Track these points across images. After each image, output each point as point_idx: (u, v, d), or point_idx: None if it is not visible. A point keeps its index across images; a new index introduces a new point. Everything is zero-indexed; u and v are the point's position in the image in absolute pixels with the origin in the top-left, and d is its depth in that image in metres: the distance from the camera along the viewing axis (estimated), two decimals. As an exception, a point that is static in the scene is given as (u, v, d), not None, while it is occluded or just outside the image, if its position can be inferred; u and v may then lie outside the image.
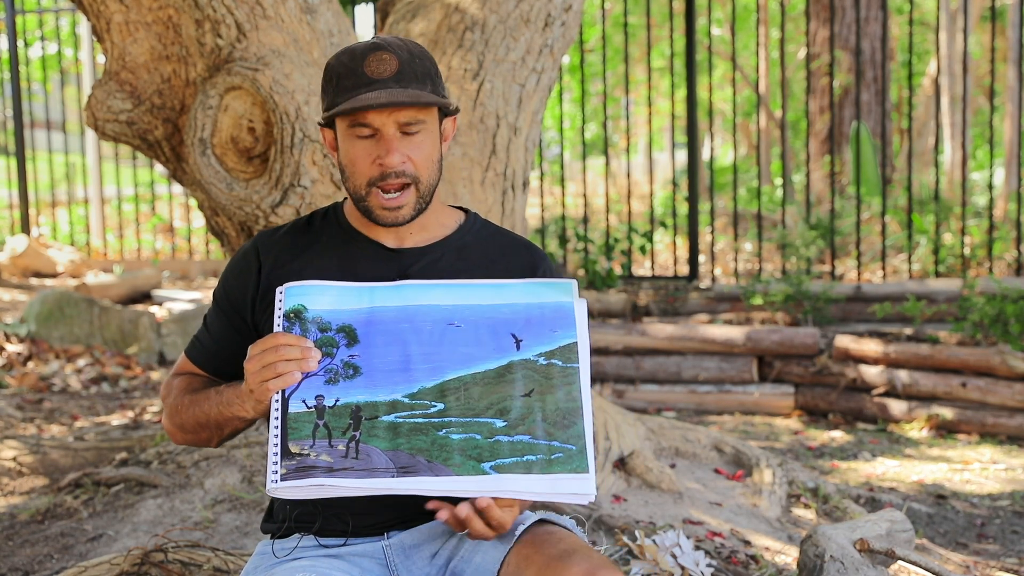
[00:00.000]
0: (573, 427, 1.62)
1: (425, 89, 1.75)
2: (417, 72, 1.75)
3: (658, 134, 17.98)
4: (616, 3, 12.80)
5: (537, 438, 1.61)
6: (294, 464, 1.58)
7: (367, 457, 1.58)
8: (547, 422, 1.62)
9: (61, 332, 6.63)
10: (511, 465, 1.59)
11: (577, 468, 1.59)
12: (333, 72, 1.78)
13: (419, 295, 1.69)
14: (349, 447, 1.59)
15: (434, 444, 1.59)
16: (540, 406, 1.63)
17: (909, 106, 6.93)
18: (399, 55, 1.75)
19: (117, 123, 3.12)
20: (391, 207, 1.76)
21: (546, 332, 1.67)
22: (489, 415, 1.62)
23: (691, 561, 2.77)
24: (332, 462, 1.57)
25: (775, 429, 5.28)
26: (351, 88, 1.74)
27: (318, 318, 1.65)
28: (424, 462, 1.58)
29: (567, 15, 3.52)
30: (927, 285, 6.15)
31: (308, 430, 1.59)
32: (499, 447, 1.60)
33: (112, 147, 11.71)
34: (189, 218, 9.79)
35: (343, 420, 1.60)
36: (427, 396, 1.62)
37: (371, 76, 1.73)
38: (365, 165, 1.75)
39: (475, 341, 1.66)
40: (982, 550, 3.59)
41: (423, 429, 1.60)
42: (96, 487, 3.57)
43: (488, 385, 1.64)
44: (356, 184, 1.77)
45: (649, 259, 8.00)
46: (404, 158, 1.74)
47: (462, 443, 1.60)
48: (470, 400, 1.62)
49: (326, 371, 1.63)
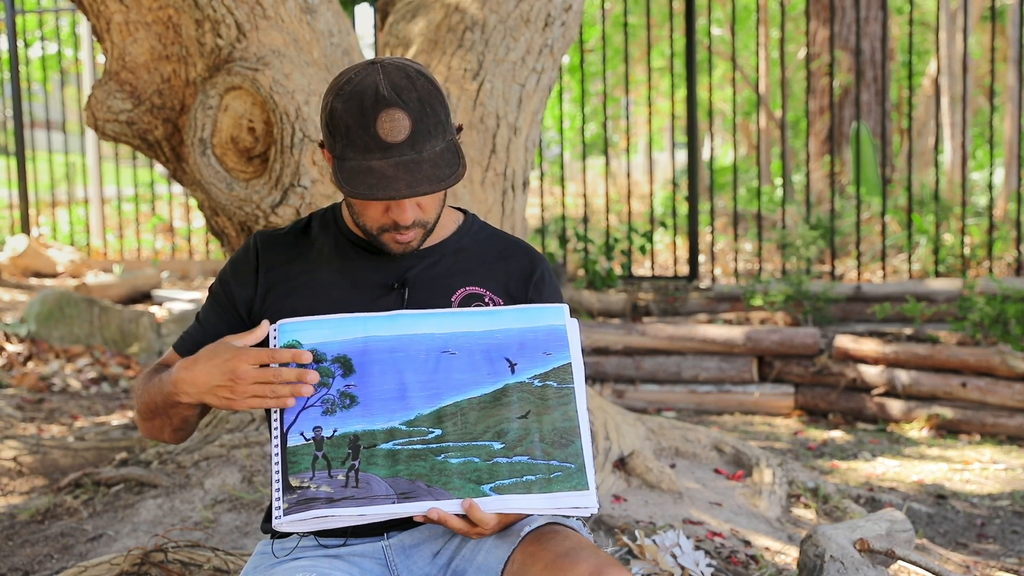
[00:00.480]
0: (571, 446, 1.64)
1: (438, 141, 1.69)
2: (430, 127, 1.68)
3: (658, 134, 17.98)
4: (616, 3, 12.80)
5: (535, 458, 1.63)
6: (295, 498, 1.59)
7: (367, 485, 1.59)
8: (544, 442, 1.64)
9: (61, 332, 6.63)
10: (511, 486, 1.61)
11: (577, 485, 1.62)
12: (341, 121, 1.68)
13: (413, 324, 1.69)
14: (349, 476, 1.60)
15: (433, 469, 1.61)
16: (537, 427, 1.65)
17: (909, 106, 6.93)
18: (410, 112, 1.67)
19: (117, 123, 3.12)
20: (403, 242, 1.76)
21: (540, 355, 1.69)
22: (487, 438, 1.63)
23: (691, 561, 2.78)
24: (332, 492, 1.59)
25: (775, 429, 5.28)
26: (363, 150, 1.67)
27: (313, 350, 1.65)
28: (424, 487, 1.59)
29: (567, 15, 3.52)
30: (927, 285, 6.15)
31: (307, 462, 1.60)
32: (498, 469, 1.61)
33: (112, 147, 11.71)
34: (189, 218, 9.79)
35: (342, 450, 1.61)
36: (424, 423, 1.63)
37: (384, 139, 1.66)
38: (376, 213, 1.74)
39: (470, 367, 1.67)
40: (982, 550, 3.59)
41: (422, 455, 1.61)
42: (96, 487, 3.57)
43: (484, 409, 1.65)
44: (365, 225, 1.76)
45: (649, 259, 8.00)
46: (417, 211, 1.74)
47: (461, 467, 1.61)
48: (467, 424, 1.64)
49: (323, 402, 1.63)
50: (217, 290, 1.87)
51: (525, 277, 1.87)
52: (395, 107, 1.66)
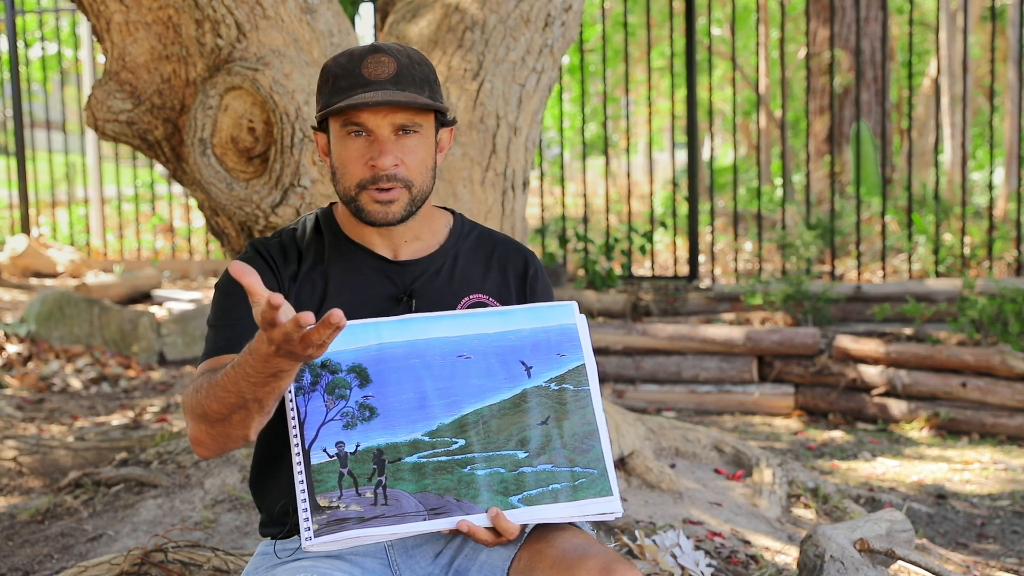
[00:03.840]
0: (592, 450, 1.65)
1: (423, 94, 1.74)
2: (415, 77, 1.74)
3: (658, 134, 17.98)
4: (616, 3, 12.80)
5: (559, 466, 1.63)
6: (325, 518, 1.57)
7: (396, 502, 1.58)
8: (567, 448, 1.64)
9: (61, 332, 6.63)
10: (538, 496, 1.61)
11: (601, 491, 1.63)
12: (329, 73, 1.76)
13: (425, 328, 1.68)
14: (377, 494, 1.58)
15: (460, 482, 1.60)
16: (558, 433, 1.65)
17: (909, 106, 6.93)
18: (398, 59, 1.73)
19: (117, 123, 3.12)
20: (383, 200, 1.73)
21: (554, 357, 1.69)
22: (510, 447, 1.63)
23: (691, 561, 2.77)
24: (363, 511, 1.57)
25: (775, 429, 5.28)
26: (347, 89, 1.72)
27: (327, 361, 1.62)
28: (453, 501, 1.59)
29: (567, 15, 3.52)
30: (927, 285, 6.15)
31: (334, 480, 1.58)
32: (524, 479, 1.62)
33: (112, 147, 11.71)
34: (189, 218, 9.79)
35: (367, 466, 1.59)
36: (447, 433, 1.63)
37: (368, 78, 1.71)
38: (357, 166, 1.73)
39: (486, 372, 1.66)
40: (982, 550, 3.59)
41: (447, 467, 1.61)
42: (96, 487, 3.57)
43: (505, 416, 1.65)
44: (347, 186, 1.75)
45: (649, 259, 7.99)
46: (397, 160, 1.72)
47: (488, 478, 1.61)
48: (490, 433, 1.63)
49: (342, 415, 1.61)
50: (227, 286, 1.76)
51: (520, 276, 1.87)
52: (382, 53, 1.73)
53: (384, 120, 1.71)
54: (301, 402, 1.62)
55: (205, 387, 1.59)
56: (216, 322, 1.76)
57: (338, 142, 1.76)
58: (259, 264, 1.78)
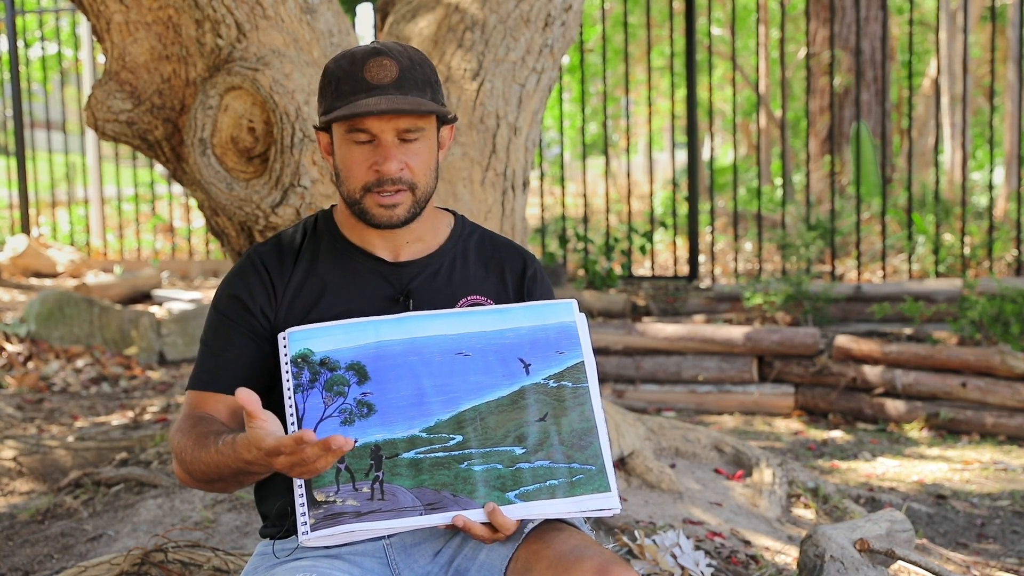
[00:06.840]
0: (590, 447, 1.65)
1: (425, 96, 1.74)
2: (417, 79, 1.74)
3: (658, 134, 17.98)
4: (616, 3, 12.80)
5: (556, 462, 1.63)
6: (322, 512, 1.57)
7: (393, 497, 1.59)
8: (564, 445, 1.64)
9: (61, 332, 6.63)
10: (535, 492, 1.61)
11: (599, 488, 1.63)
12: (332, 76, 1.75)
13: (424, 326, 1.68)
14: (374, 488, 1.59)
15: (457, 478, 1.60)
16: (556, 429, 1.65)
17: (909, 106, 6.94)
18: (399, 61, 1.73)
19: (117, 123, 3.12)
20: (387, 204, 1.74)
21: (552, 354, 1.69)
22: (508, 443, 1.63)
23: (691, 561, 2.77)
24: (359, 506, 1.58)
25: (775, 429, 5.28)
26: (350, 93, 1.72)
27: (326, 358, 1.63)
28: (450, 496, 1.59)
29: (567, 15, 3.52)
30: (927, 285, 6.15)
31: (331, 476, 1.59)
32: (521, 475, 1.62)
33: (112, 147, 11.70)
34: (189, 218, 9.79)
35: (364, 461, 1.60)
36: (444, 429, 1.63)
37: (371, 82, 1.71)
38: (361, 171, 1.74)
39: (485, 369, 1.66)
40: (982, 550, 3.59)
41: (445, 463, 1.61)
42: (96, 487, 3.57)
43: (503, 413, 1.65)
44: (351, 189, 1.76)
45: (649, 259, 8.00)
46: (402, 165, 1.73)
47: (485, 474, 1.61)
48: (487, 430, 1.63)
49: (340, 411, 1.62)
50: (224, 307, 1.80)
51: (517, 277, 1.88)
52: (384, 55, 1.73)
53: (388, 125, 1.72)
54: (299, 399, 1.62)
55: (190, 449, 1.66)
56: (205, 342, 1.81)
57: (342, 146, 1.76)
58: (252, 279, 1.81)
